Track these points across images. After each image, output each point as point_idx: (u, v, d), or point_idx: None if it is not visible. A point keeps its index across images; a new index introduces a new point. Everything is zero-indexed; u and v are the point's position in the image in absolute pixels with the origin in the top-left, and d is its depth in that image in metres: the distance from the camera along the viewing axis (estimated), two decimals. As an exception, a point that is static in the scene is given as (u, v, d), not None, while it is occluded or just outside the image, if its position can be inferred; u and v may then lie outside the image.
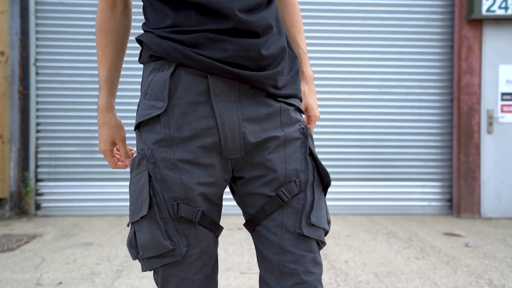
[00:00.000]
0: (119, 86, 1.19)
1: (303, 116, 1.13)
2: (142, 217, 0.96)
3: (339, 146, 4.78)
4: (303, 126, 1.03)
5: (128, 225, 1.03)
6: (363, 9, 4.78)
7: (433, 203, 4.80)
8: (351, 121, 4.79)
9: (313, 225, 0.99)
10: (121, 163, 1.18)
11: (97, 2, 4.64)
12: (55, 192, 4.63)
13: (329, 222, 1.05)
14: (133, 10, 1.18)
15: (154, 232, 0.95)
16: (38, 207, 4.62)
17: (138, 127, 1.04)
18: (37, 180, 4.64)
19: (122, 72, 1.20)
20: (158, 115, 0.97)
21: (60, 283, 2.57)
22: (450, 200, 4.80)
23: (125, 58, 1.17)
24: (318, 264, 1.02)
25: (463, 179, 4.62)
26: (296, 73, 1.06)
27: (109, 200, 4.63)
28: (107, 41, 1.08)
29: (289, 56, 1.05)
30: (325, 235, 1.06)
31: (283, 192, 0.98)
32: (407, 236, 3.76)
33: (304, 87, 1.16)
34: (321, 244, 1.04)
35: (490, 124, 4.65)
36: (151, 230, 0.96)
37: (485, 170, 4.64)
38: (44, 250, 3.26)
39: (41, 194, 4.63)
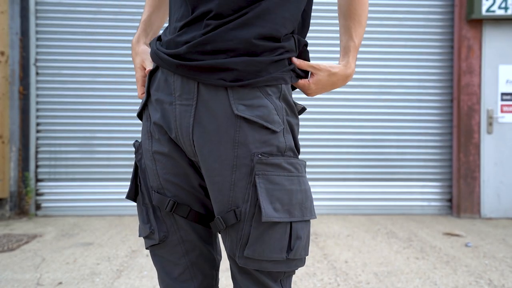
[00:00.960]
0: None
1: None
2: (133, 201, 1.08)
3: (339, 146, 4.79)
4: (256, 152, 0.92)
5: None
6: (363, 9, 4.77)
7: (433, 203, 4.80)
8: (351, 121, 4.79)
9: (248, 258, 0.94)
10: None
11: (96, 2, 4.65)
12: (55, 192, 4.63)
13: (292, 249, 0.95)
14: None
15: (140, 216, 1.06)
16: (38, 207, 4.62)
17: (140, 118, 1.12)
18: (37, 180, 4.64)
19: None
20: (143, 109, 1.06)
21: (60, 283, 2.57)
22: (450, 200, 4.80)
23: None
24: None
25: (463, 179, 4.62)
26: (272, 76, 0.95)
27: (109, 200, 4.63)
28: None
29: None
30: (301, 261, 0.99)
31: (219, 220, 0.96)
32: (407, 236, 3.76)
33: (339, 68, 1.03)
34: (279, 273, 0.97)
35: (490, 124, 4.65)
36: (139, 213, 1.06)
37: (485, 170, 4.65)
38: (44, 250, 3.26)
39: (41, 194, 4.63)
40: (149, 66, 1.09)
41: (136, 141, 1.09)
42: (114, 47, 4.65)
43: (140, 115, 1.09)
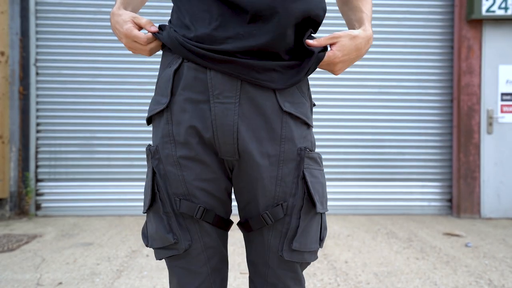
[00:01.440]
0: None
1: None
2: (148, 210, 1.01)
3: (339, 146, 4.79)
4: (302, 147, 0.97)
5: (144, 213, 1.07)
6: (363, 9, 4.78)
7: (433, 203, 4.80)
8: (351, 121, 4.79)
9: (295, 250, 0.98)
10: (151, 45, 1.01)
11: (96, 2, 4.65)
12: (55, 192, 4.63)
13: (321, 240, 1.03)
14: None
15: (158, 225, 0.98)
16: (38, 207, 4.62)
17: (149, 122, 1.04)
18: (37, 180, 4.64)
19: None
20: (162, 111, 0.98)
21: (60, 283, 2.57)
22: (450, 200, 4.80)
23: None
24: (299, 281, 1.03)
25: (463, 179, 4.62)
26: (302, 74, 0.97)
27: (109, 200, 4.63)
28: None
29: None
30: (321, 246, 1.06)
31: (267, 215, 0.97)
32: (407, 236, 3.76)
33: (359, 32, 1.00)
34: (306, 264, 1.05)
35: (490, 124, 4.65)
36: (156, 223, 0.99)
37: (485, 170, 4.65)
38: (44, 250, 3.26)
39: (41, 194, 4.63)
40: (148, 24, 0.98)
41: (150, 145, 1.01)
42: (114, 47, 4.65)
43: (149, 119, 1.03)
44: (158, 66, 1.13)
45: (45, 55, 4.64)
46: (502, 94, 4.68)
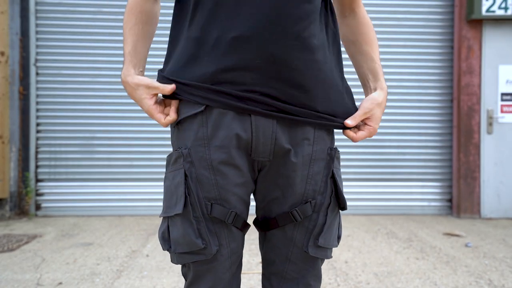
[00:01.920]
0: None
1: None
2: (176, 215, 0.97)
3: (339, 146, 4.76)
4: (332, 147, 1.03)
5: (160, 217, 1.04)
6: (363, 9, 4.78)
7: (433, 203, 4.80)
8: (351, 121, 4.78)
9: (320, 246, 1.03)
10: (169, 117, 1.02)
11: (96, 2, 4.65)
12: (55, 192, 4.63)
13: (339, 237, 1.08)
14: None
15: (186, 230, 0.96)
16: (38, 207, 4.62)
17: (177, 123, 1.02)
18: (37, 180, 4.64)
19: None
20: (196, 114, 0.97)
21: (60, 283, 2.57)
22: (450, 200, 4.80)
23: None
24: (318, 278, 1.08)
25: (463, 179, 4.62)
26: (338, 91, 1.04)
27: (109, 200, 4.64)
28: (136, 20, 1.06)
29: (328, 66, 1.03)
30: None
31: (297, 212, 1.00)
32: (407, 236, 3.76)
33: (380, 95, 1.08)
34: (323, 261, 1.10)
35: (490, 124, 4.65)
36: (184, 227, 0.97)
37: (485, 170, 4.65)
38: (44, 250, 3.26)
39: (41, 194, 4.63)
40: (157, 85, 0.99)
41: (180, 148, 0.99)
42: (114, 47, 4.65)
43: (183, 120, 1.00)
44: (158, 67, 1.13)
45: (45, 55, 4.64)
46: (502, 94, 4.68)
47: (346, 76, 1.16)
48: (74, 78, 4.66)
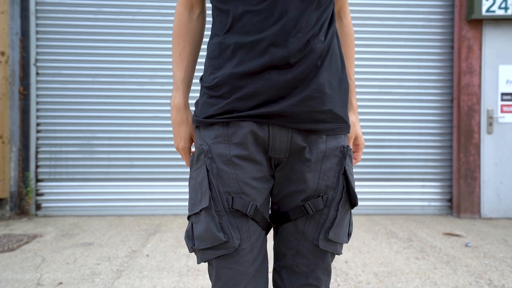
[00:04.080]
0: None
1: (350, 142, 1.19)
2: (201, 209, 1.00)
3: (339, 146, 4.78)
4: (344, 145, 1.07)
5: (188, 219, 1.06)
6: (363, 9, 4.78)
7: (433, 203, 4.80)
8: (351, 121, 4.79)
9: (330, 240, 1.05)
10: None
11: (96, 2, 4.65)
12: (55, 192, 4.64)
13: (349, 234, 1.10)
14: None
15: (209, 224, 0.99)
16: (38, 207, 4.62)
17: (197, 126, 1.08)
18: (38, 180, 4.64)
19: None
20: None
21: (61, 283, 2.57)
22: (450, 200, 4.80)
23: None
24: (327, 272, 1.09)
25: (463, 179, 4.62)
26: (345, 92, 1.08)
27: (109, 200, 4.64)
28: (184, 43, 1.12)
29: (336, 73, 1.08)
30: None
31: (309, 206, 1.04)
32: (407, 236, 3.76)
33: (352, 117, 1.19)
34: (334, 256, 1.11)
35: (490, 124, 4.65)
36: (206, 222, 0.99)
37: (485, 170, 4.65)
38: (44, 250, 3.26)
39: (41, 194, 4.64)
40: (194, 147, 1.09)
41: (201, 145, 1.03)
42: (114, 47, 4.65)
43: (200, 122, 1.05)
44: (158, 66, 1.14)
45: (45, 55, 4.64)
46: (502, 94, 4.68)
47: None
48: (74, 78, 4.66)
